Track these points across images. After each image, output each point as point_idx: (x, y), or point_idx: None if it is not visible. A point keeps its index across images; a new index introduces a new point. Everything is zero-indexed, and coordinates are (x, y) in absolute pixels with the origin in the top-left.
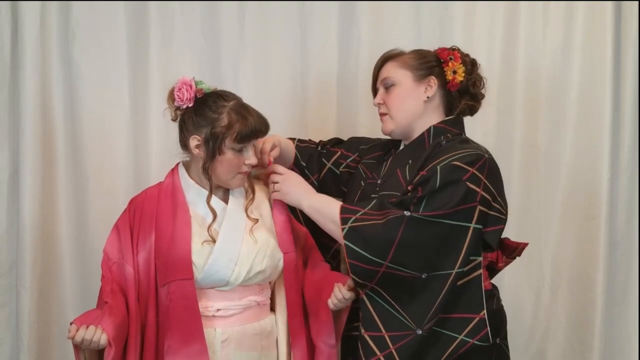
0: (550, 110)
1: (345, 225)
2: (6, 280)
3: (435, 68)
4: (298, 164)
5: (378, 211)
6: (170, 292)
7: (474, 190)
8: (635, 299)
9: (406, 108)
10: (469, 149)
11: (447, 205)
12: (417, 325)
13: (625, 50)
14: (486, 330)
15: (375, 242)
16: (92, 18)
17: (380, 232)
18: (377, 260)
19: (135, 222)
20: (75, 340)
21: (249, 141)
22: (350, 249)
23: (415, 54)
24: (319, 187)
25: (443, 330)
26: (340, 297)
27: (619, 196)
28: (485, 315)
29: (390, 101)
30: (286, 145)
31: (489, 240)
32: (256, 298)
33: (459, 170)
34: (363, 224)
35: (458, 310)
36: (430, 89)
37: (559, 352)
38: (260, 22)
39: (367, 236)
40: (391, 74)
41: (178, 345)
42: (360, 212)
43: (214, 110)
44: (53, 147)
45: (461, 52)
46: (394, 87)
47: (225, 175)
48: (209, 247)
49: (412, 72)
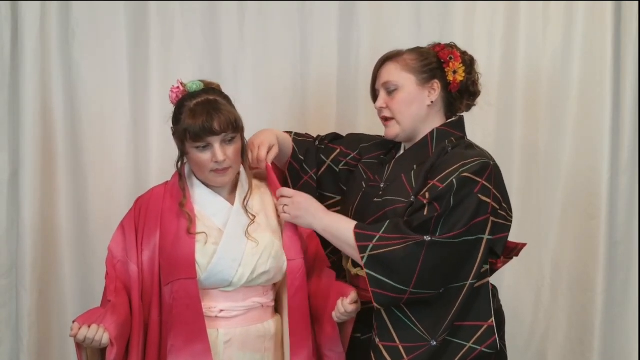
0: (550, 110)
1: (364, 253)
2: (6, 280)
3: (437, 70)
4: (296, 157)
5: (395, 234)
6: (174, 291)
7: (485, 202)
8: (635, 299)
9: (412, 113)
10: (475, 157)
11: (462, 222)
12: (432, 336)
13: (625, 50)
14: (494, 338)
15: (397, 270)
16: (92, 18)
17: (401, 259)
18: (401, 288)
19: (141, 220)
20: (77, 339)
21: (202, 140)
22: (373, 278)
23: (416, 54)
24: (317, 183)
25: (453, 339)
26: (344, 312)
27: (619, 196)
28: (493, 323)
29: (396, 106)
30: (283, 140)
31: (495, 248)
32: (260, 300)
33: (470, 183)
34: (383, 251)
35: (468, 319)
36: (433, 93)
37: (559, 352)
38: (260, 22)
39: (388, 263)
40: (393, 78)
41: (181, 345)
42: (376, 237)
43: (180, 111)
44: (53, 147)
45: (460, 50)
46: (397, 91)
47: (199, 174)
48: (213, 246)
49: (415, 75)
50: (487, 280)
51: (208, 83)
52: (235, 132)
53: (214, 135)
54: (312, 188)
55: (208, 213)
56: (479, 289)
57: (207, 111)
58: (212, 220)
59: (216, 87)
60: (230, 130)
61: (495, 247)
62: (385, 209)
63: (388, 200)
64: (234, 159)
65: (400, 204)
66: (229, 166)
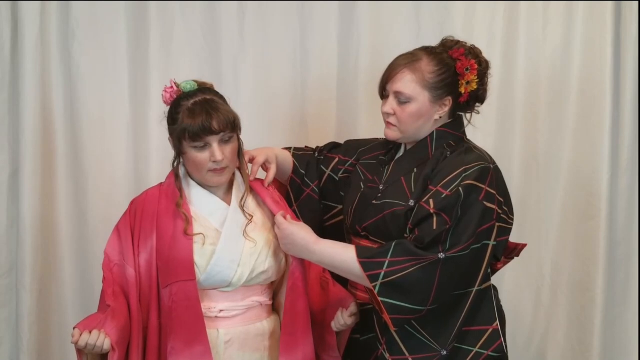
0: (550, 110)
1: (376, 282)
2: (6, 280)
3: (452, 85)
4: (297, 172)
5: (406, 257)
6: (173, 293)
7: (490, 208)
8: (635, 299)
9: (417, 125)
10: (475, 162)
11: (469, 232)
12: (442, 346)
13: (625, 50)
14: (500, 341)
15: (414, 291)
16: (92, 18)
17: (418, 281)
18: (419, 308)
19: (136, 223)
20: (78, 345)
21: (201, 139)
22: (390, 305)
23: (434, 65)
24: (320, 195)
25: (461, 345)
26: (343, 323)
27: (619, 196)
28: (498, 326)
29: (404, 118)
30: (283, 158)
31: (497, 252)
32: (259, 298)
33: (475, 191)
34: (396, 277)
35: (474, 324)
36: (443, 109)
37: (559, 352)
38: (260, 22)
39: (404, 287)
40: (408, 91)
41: (181, 347)
42: (385, 264)
43: (176, 110)
44: (53, 147)
45: (478, 58)
46: (409, 104)
47: (196, 174)
48: (211, 247)
49: (430, 92)
50: (489, 284)
51: (201, 83)
52: (233, 132)
53: (213, 134)
54: (315, 201)
55: (204, 214)
56: (483, 293)
57: (206, 110)
58: (208, 221)
59: (210, 86)
60: (228, 129)
61: (496, 251)
62: (384, 212)
63: (387, 204)
64: (231, 158)
65: (399, 207)
66: (226, 166)
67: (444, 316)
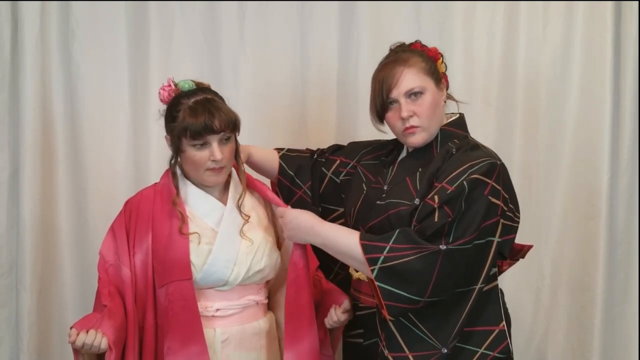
0: (550, 110)
1: (374, 265)
2: (6, 280)
3: (437, 70)
4: (285, 173)
5: (408, 244)
6: (169, 293)
7: (495, 204)
8: (635, 299)
9: (437, 117)
10: (482, 157)
11: (473, 227)
12: (443, 344)
13: (625, 50)
14: (506, 342)
15: (412, 280)
16: (92, 18)
17: (416, 270)
18: (416, 298)
19: (132, 223)
20: (75, 345)
21: (201, 138)
22: (386, 291)
23: (417, 56)
24: (320, 198)
25: (465, 345)
26: (336, 320)
27: (619, 196)
28: (505, 327)
29: (425, 112)
30: (262, 157)
31: (503, 250)
32: (255, 297)
33: (480, 185)
34: (395, 263)
35: (479, 324)
36: (444, 91)
37: (559, 352)
38: (260, 22)
39: (403, 275)
40: (417, 83)
41: (178, 347)
42: (386, 249)
43: (175, 109)
44: (53, 147)
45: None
46: (424, 95)
47: (194, 173)
48: (207, 246)
49: (432, 78)
50: (496, 284)
51: (198, 83)
52: (232, 132)
53: (214, 133)
54: (307, 203)
55: (200, 213)
56: (489, 293)
57: (208, 110)
58: (204, 221)
59: (207, 86)
60: (229, 129)
61: (502, 249)
62: (388, 211)
63: (391, 203)
64: (229, 158)
65: (403, 207)
66: (224, 165)
67: (444, 312)
